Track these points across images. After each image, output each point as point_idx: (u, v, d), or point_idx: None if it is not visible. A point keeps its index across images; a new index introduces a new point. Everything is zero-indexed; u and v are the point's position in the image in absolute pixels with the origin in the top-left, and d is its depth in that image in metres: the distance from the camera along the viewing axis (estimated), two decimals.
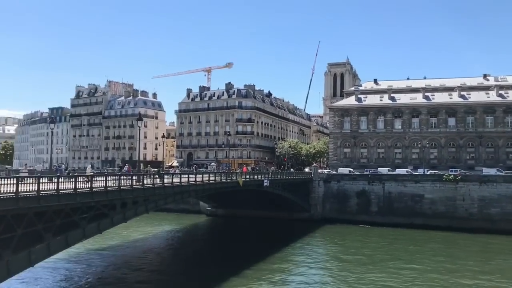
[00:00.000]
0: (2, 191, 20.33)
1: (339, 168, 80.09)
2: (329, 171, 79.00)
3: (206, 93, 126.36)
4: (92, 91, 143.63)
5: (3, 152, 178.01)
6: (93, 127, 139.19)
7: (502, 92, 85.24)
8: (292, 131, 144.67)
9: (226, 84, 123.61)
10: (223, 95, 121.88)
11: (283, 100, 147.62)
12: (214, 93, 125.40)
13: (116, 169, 78.31)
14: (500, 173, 67.09)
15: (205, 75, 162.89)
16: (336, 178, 71.75)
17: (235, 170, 78.04)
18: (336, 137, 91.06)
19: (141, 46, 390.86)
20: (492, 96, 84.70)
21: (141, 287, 33.54)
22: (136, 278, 35.81)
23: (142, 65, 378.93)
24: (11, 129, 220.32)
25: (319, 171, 75.25)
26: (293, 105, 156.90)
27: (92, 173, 31.73)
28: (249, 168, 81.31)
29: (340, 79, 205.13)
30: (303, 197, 69.19)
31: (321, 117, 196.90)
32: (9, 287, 29.42)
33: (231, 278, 34.70)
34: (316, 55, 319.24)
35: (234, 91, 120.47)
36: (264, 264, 39.67)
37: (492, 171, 68.55)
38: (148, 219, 58.94)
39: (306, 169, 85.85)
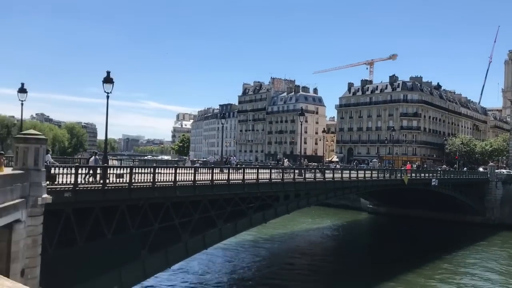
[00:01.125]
0: (182, 180, 22.45)
1: None
2: (509, 172, 69.97)
3: (368, 87, 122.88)
4: (257, 88, 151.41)
5: (181, 144, 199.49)
6: (257, 122, 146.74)
7: None
8: (464, 127, 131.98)
9: (390, 77, 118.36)
10: (386, 88, 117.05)
11: (454, 92, 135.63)
12: (377, 86, 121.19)
13: (273, 162, 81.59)
14: None
15: (367, 68, 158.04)
16: None
17: (399, 167, 74.36)
18: None
19: (303, 43, 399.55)
20: None
21: (299, 276, 34.05)
22: (295, 267, 36.62)
23: (303, 61, 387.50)
24: (187, 124, 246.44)
25: (496, 171, 67.26)
26: (466, 97, 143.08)
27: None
28: (414, 165, 76.56)
29: None
30: (476, 199, 62.66)
31: (499, 111, 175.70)
32: (186, 266, 32.72)
33: (393, 277, 33.15)
34: (495, 42, 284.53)
35: (399, 83, 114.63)
36: (429, 268, 36.97)
37: None
38: (309, 213, 59.85)
39: (481, 169, 77.59)
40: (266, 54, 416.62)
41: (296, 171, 33.47)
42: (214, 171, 25.04)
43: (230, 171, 26.69)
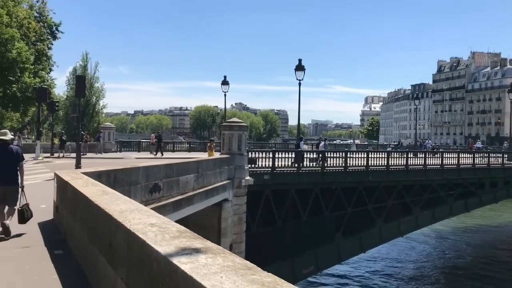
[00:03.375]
0: (375, 164, 21.96)
1: None
2: None
3: None
4: (454, 64, 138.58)
5: (371, 128, 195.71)
6: (455, 102, 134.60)
7: None
8: None
9: None
10: None
11: None
12: None
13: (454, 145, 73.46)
14: None
15: None
16: None
17: None
18: None
19: (510, 8, 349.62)
20: None
21: (498, 274, 29.91)
22: (495, 263, 32.46)
23: (510, 32, 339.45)
24: (376, 107, 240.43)
25: None
26: None
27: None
28: None
29: None
30: None
31: None
32: (380, 251, 32.05)
33: None
34: None
35: None
36: None
37: None
38: None
39: None
40: (463, 26, 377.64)
41: (505, 155, 29.63)
42: (409, 156, 23.85)
43: (426, 156, 25.08)
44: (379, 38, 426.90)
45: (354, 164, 21.63)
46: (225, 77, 36.85)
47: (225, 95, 37.33)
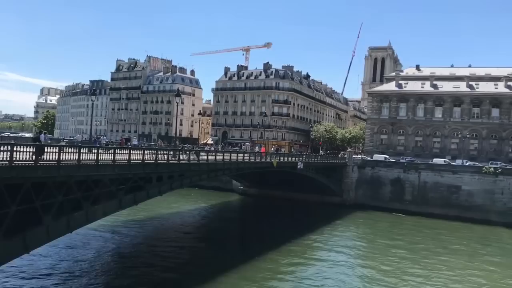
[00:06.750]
0: (45, 159, 20.93)
1: (375, 155, 78.84)
2: (364, 157, 77.82)
3: (243, 72, 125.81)
4: (132, 65, 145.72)
5: (45, 121, 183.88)
6: (131, 101, 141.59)
7: None
8: (328, 115, 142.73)
9: (264, 64, 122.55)
10: (260, 75, 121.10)
11: (321, 82, 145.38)
12: (252, 72, 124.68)
13: (146, 143, 79.65)
14: None
15: (243, 54, 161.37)
16: (370, 164, 70.87)
17: (269, 151, 77.98)
18: (374, 123, 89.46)
19: (181, 24, 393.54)
20: None
21: (163, 260, 33.91)
22: (160, 251, 36.61)
23: (181, 42, 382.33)
24: (53, 100, 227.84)
25: (353, 156, 74.30)
26: (331, 88, 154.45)
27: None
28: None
29: (380, 64, 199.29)
30: (336, 182, 68.71)
31: (358, 102, 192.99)
32: (47, 252, 30.75)
33: (254, 257, 34.94)
34: (358, 37, 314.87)
35: (272, 71, 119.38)
36: (289, 246, 39.80)
37: None
38: (181, 195, 59.97)
39: (341, 154, 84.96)
40: (141, 31, 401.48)
41: (171, 152, 33.28)
42: (82, 151, 23.75)
43: (100, 151, 25.54)
44: (60, 27, 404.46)
45: (20, 159, 20.00)
46: None
47: None
